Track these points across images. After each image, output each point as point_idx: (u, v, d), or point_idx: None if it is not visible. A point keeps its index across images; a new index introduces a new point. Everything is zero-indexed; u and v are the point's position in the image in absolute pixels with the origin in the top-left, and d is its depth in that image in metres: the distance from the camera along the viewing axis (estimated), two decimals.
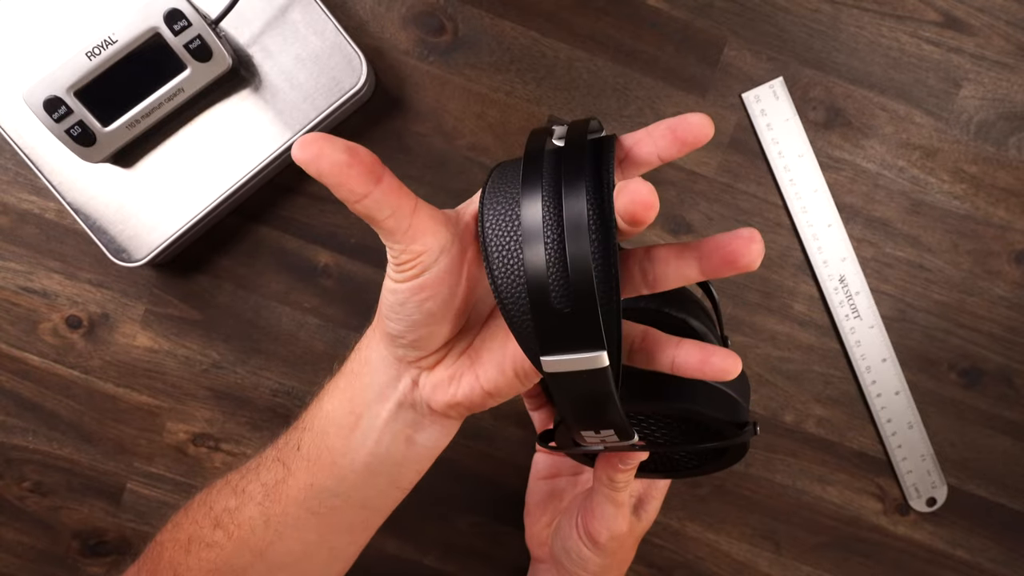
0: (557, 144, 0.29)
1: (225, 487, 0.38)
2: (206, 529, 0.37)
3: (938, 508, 0.53)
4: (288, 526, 0.36)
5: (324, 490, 0.35)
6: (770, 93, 0.51)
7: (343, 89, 0.48)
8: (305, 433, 0.36)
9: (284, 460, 0.36)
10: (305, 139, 0.27)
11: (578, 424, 0.30)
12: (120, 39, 0.44)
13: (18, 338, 0.52)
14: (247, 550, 0.36)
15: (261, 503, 0.36)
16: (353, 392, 0.35)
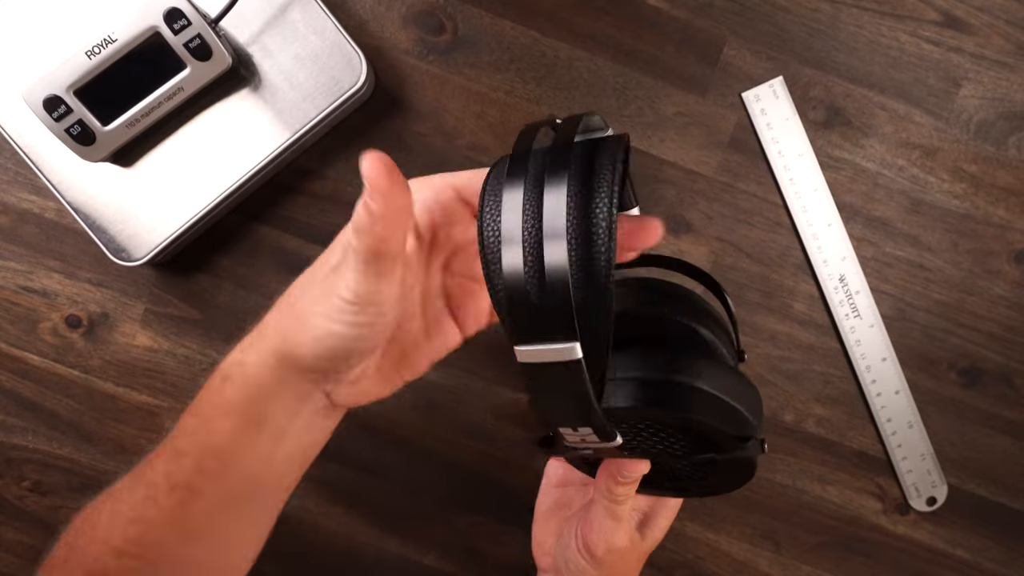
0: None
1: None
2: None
3: (938, 507, 0.53)
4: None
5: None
6: (770, 92, 0.51)
7: (343, 88, 0.48)
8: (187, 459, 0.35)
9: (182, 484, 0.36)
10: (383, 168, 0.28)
11: (553, 420, 0.29)
12: (120, 38, 0.44)
13: (18, 337, 0.52)
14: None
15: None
16: (249, 413, 0.35)
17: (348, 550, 0.53)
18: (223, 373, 0.35)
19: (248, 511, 0.40)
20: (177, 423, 0.36)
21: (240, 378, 0.35)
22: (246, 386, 0.35)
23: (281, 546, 0.53)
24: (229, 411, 0.35)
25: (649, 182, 0.51)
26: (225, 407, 0.35)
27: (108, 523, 0.37)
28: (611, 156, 0.28)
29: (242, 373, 0.35)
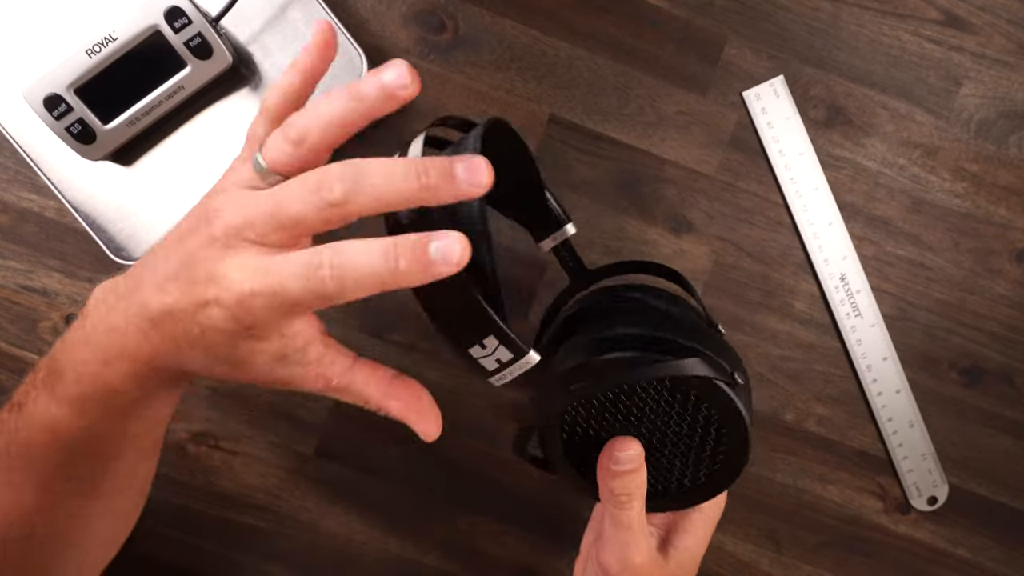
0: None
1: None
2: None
3: (939, 507, 0.52)
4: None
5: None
6: (771, 91, 0.50)
7: None
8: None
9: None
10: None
11: (459, 340, 0.31)
12: (120, 36, 0.44)
13: (18, 337, 0.52)
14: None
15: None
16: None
17: (348, 550, 0.53)
18: (127, 401, 0.34)
19: (159, 447, 0.40)
20: (41, 434, 0.35)
21: (141, 391, 0.34)
22: (154, 397, 0.35)
23: (281, 546, 0.53)
24: (145, 407, 0.35)
25: (650, 181, 0.51)
26: (135, 410, 0.35)
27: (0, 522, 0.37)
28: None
29: (146, 393, 0.34)
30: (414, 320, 0.52)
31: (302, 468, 0.52)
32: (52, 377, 0.35)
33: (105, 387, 0.33)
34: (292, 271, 0.28)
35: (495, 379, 0.32)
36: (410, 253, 0.27)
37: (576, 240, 0.52)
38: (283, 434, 0.52)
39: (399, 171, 0.27)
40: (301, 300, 0.29)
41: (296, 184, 0.28)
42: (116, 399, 0.34)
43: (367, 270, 0.27)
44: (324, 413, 0.52)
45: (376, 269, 0.27)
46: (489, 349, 0.31)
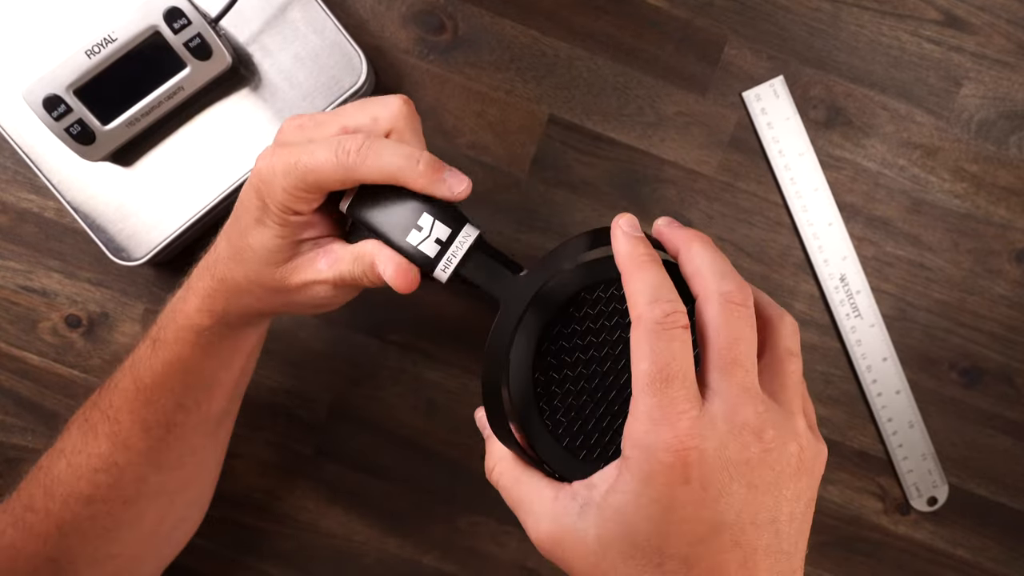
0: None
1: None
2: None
3: (939, 507, 0.52)
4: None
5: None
6: (770, 92, 0.50)
7: (343, 88, 0.48)
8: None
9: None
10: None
11: (397, 230, 0.32)
12: (120, 37, 0.44)
13: (17, 337, 0.52)
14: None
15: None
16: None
17: (348, 550, 0.53)
18: (196, 327, 0.38)
19: (221, 428, 0.44)
20: (126, 375, 0.40)
21: (218, 325, 0.38)
22: (225, 330, 0.38)
23: (281, 546, 0.53)
24: (211, 354, 0.39)
25: (650, 182, 0.51)
26: (205, 351, 0.38)
27: (70, 476, 0.40)
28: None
29: (219, 321, 0.38)
30: (414, 320, 0.52)
31: (302, 468, 0.53)
32: (152, 323, 0.40)
33: (178, 311, 0.38)
34: (320, 146, 0.33)
35: (442, 267, 0.32)
36: (429, 165, 0.32)
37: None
38: (283, 434, 0.52)
39: (403, 151, 0.32)
40: (319, 167, 0.32)
41: (328, 140, 0.33)
42: (185, 323, 0.38)
43: (389, 159, 0.32)
44: (324, 413, 0.52)
45: (398, 162, 0.32)
46: (426, 229, 0.32)
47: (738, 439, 0.26)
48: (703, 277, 0.29)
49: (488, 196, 0.51)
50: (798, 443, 0.27)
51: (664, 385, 0.26)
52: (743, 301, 0.28)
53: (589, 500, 0.28)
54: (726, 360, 0.27)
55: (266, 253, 0.35)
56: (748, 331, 0.28)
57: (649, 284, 0.28)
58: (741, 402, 0.26)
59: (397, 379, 0.52)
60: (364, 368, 0.52)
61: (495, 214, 0.51)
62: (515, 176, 0.51)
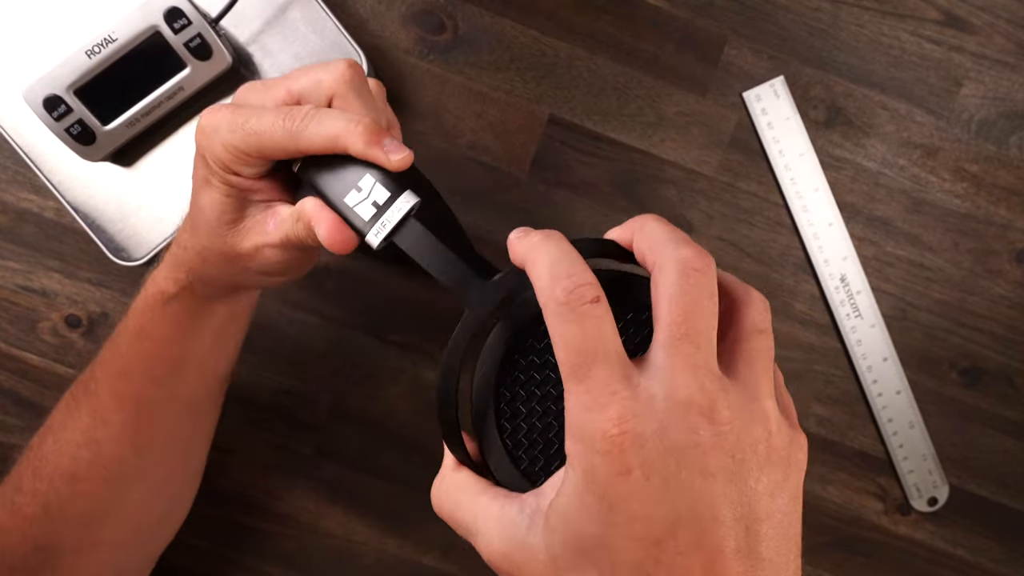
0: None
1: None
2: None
3: (939, 508, 0.52)
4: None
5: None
6: (771, 92, 0.50)
7: None
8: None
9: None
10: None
11: (336, 188, 0.32)
12: (120, 37, 0.44)
13: (17, 337, 0.52)
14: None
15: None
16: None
17: (348, 550, 0.53)
18: (163, 293, 0.38)
19: (203, 419, 0.44)
20: (107, 348, 0.41)
21: (185, 294, 0.38)
22: (191, 300, 0.39)
23: (281, 546, 0.53)
24: (178, 324, 0.39)
25: (650, 182, 0.51)
26: (172, 321, 0.39)
27: (55, 453, 0.40)
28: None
29: (185, 290, 0.38)
30: (414, 320, 0.52)
31: (302, 468, 0.52)
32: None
33: (148, 283, 0.39)
34: (267, 111, 0.32)
35: (375, 232, 0.31)
36: (368, 129, 0.31)
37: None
38: (283, 434, 0.52)
39: (344, 116, 0.32)
40: (263, 131, 0.32)
41: (278, 108, 0.33)
42: (153, 290, 0.38)
43: (330, 125, 0.31)
44: (324, 413, 0.52)
45: (338, 128, 0.31)
46: (365, 191, 0.31)
47: (683, 420, 0.22)
48: (657, 246, 0.26)
49: (488, 196, 0.51)
50: (764, 427, 0.24)
51: (586, 369, 0.23)
52: (702, 267, 0.24)
53: (537, 509, 0.25)
54: (676, 334, 0.23)
55: (214, 216, 0.35)
56: (706, 301, 0.24)
57: (546, 263, 0.24)
58: (684, 377, 0.23)
59: (397, 379, 0.52)
60: (364, 368, 0.52)
61: (495, 214, 0.51)
62: (515, 176, 0.51)
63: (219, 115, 0.33)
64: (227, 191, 0.34)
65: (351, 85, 0.34)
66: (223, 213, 0.35)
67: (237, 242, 0.36)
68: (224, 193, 0.34)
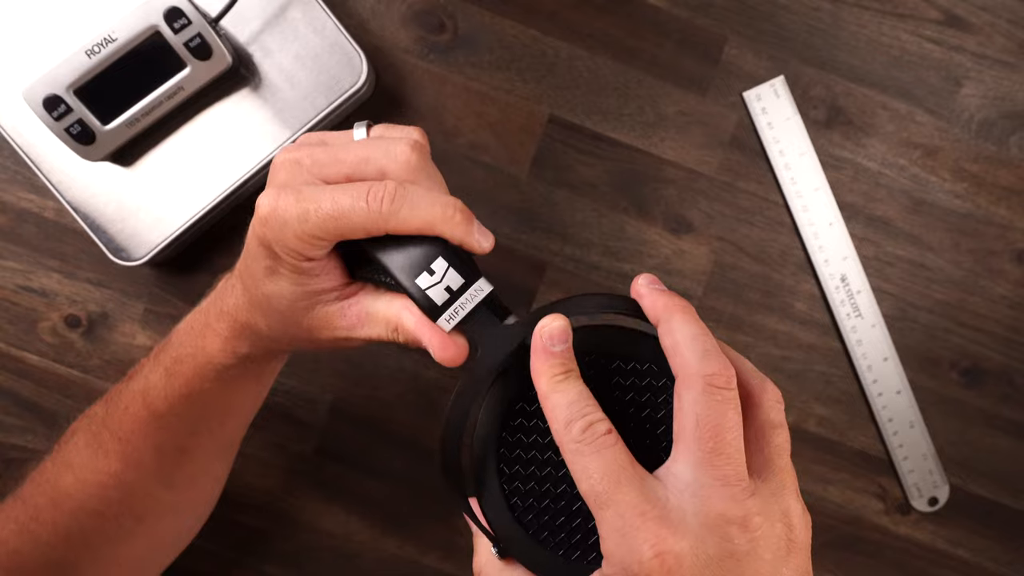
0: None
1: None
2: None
3: (940, 508, 0.52)
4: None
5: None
6: (771, 92, 0.50)
7: (343, 88, 0.48)
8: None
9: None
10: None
11: (408, 268, 0.30)
12: (120, 37, 0.44)
13: (17, 337, 0.52)
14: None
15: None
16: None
17: (348, 550, 0.53)
18: (219, 364, 0.37)
19: (234, 448, 0.44)
20: (133, 399, 0.39)
21: (240, 363, 0.37)
22: (249, 366, 0.37)
23: (281, 547, 0.53)
24: (233, 389, 0.38)
25: (649, 182, 0.51)
26: (226, 385, 0.37)
27: (79, 492, 0.39)
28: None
29: (242, 360, 0.37)
30: None
31: (302, 468, 0.52)
32: (160, 348, 0.39)
33: (197, 349, 0.36)
34: (342, 192, 0.30)
35: (447, 317, 0.30)
36: (465, 216, 0.31)
37: (576, 240, 0.52)
38: (283, 434, 0.52)
39: (439, 201, 0.30)
40: (344, 215, 0.30)
41: (351, 186, 0.31)
42: (204, 361, 0.36)
43: (425, 210, 0.30)
44: (324, 413, 0.52)
45: (434, 213, 0.30)
46: (439, 274, 0.30)
47: (717, 532, 0.24)
48: (683, 356, 0.26)
49: (488, 196, 0.51)
50: (786, 523, 0.26)
51: (611, 497, 0.24)
52: (727, 383, 0.26)
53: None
54: (705, 451, 0.25)
55: (286, 304, 0.33)
56: (732, 415, 0.25)
57: (562, 404, 0.26)
58: (717, 491, 0.24)
59: (397, 379, 0.52)
60: (364, 368, 0.52)
61: (495, 214, 0.51)
62: (515, 176, 0.51)
63: (283, 203, 0.30)
64: (297, 279, 0.32)
65: (420, 172, 0.31)
66: (296, 300, 0.33)
67: (314, 331, 0.34)
68: (294, 282, 0.32)
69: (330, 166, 0.32)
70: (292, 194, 0.30)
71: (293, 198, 0.30)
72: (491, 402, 0.30)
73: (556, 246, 0.51)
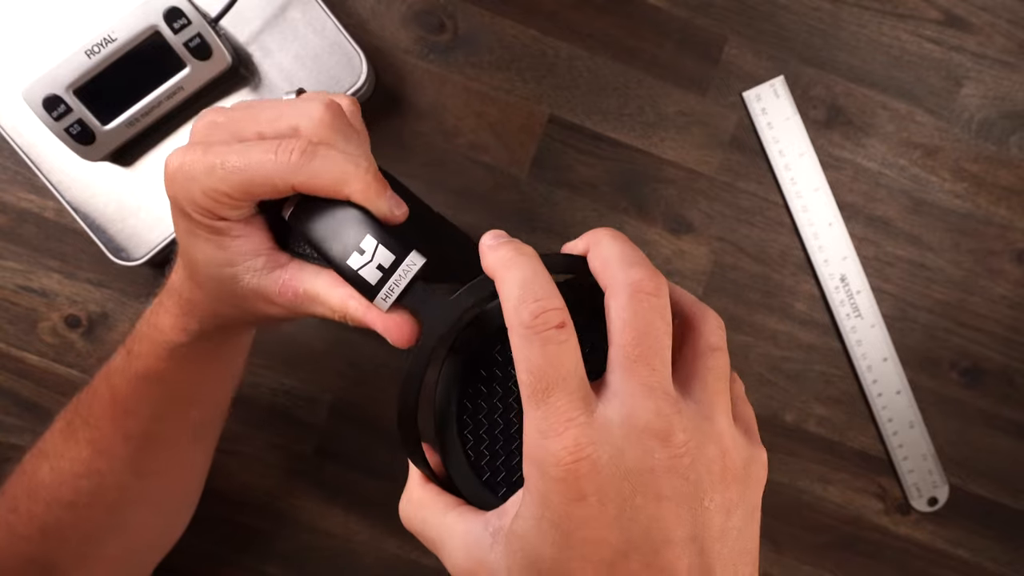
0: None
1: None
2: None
3: (939, 508, 0.52)
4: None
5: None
6: (771, 92, 0.50)
7: (343, 88, 0.48)
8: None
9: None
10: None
11: (338, 251, 0.29)
12: (120, 37, 0.44)
13: (17, 337, 0.52)
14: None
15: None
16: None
17: (348, 550, 0.53)
18: (171, 342, 0.36)
19: (209, 437, 0.43)
20: (102, 383, 0.39)
21: (193, 340, 0.36)
22: (202, 344, 0.37)
23: (281, 547, 0.53)
24: (189, 367, 0.37)
25: (649, 182, 0.51)
26: (182, 364, 0.37)
27: (53, 481, 0.39)
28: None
29: (194, 336, 0.36)
30: None
31: (301, 468, 0.52)
32: (128, 336, 0.38)
33: (152, 327, 0.36)
34: (253, 146, 0.29)
35: (383, 296, 0.29)
36: (376, 176, 0.30)
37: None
38: (282, 434, 0.52)
39: (349, 157, 0.30)
40: (252, 168, 0.29)
41: (262, 141, 0.30)
42: (159, 339, 0.36)
43: (334, 164, 0.29)
44: (324, 413, 0.52)
45: (343, 168, 0.29)
46: (368, 253, 0.29)
47: (638, 444, 0.23)
48: (609, 267, 0.25)
49: (488, 196, 0.51)
50: (719, 445, 0.24)
51: (545, 394, 0.23)
52: (654, 290, 0.24)
53: (499, 529, 0.25)
54: (630, 357, 0.24)
55: (213, 270, 0.32)
56: (659, 323, 0.24)
57: (515, 283, 0.24)
58: (642, 402, 0.23)
59: (397, 379, 0.52)
60: (364, 368, 0.52)
61: (495, 214, 0.51)
62: (515, 176, 0.51)
63: (189, 158, 0.29)
64: (216, 241, 0.31)
65: (334, 131, 0.30)
66: (220, 265, 0.32)
67: (251, 300, 0.33)
68: (214, 245, 0.31)
69: (244, 123, 0.31)
70: (200, 149, 0.29)
71: (201, 152, 0.29)
72: (445, 373, 0.28)
73: (556, 246, 0.51)
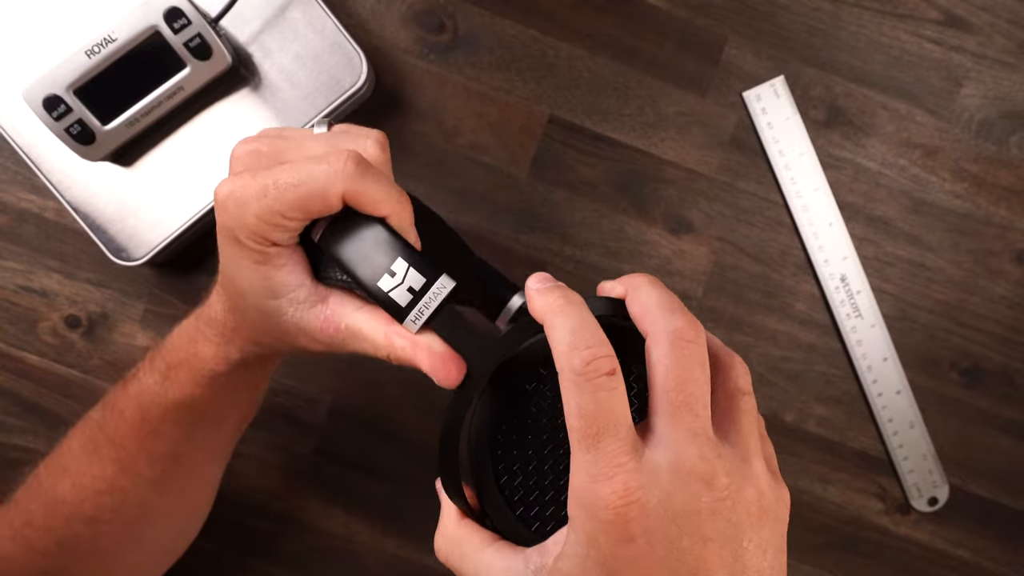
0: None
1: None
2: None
3: (940, 508, 0.52)
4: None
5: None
6: (771, 92, 0.50)
7: (343, 88, 0.48)
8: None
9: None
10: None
11: (368, 272, 0.30)
12: (120, 37, 0.44)
13: (17, 337, 0.52)
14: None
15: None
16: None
17: (348, 550, 0.53)
18: (212, 371, 0.36)
19: (227, 454, 0.43)
20: (127, 402, 0.38)
21: (234, 369, 0.36)
22: (243, 372, 0.36)
23: (281, 547, 0.53)
24: (226, 395, 0.37)
25: (649, 182, 0.51)
26: (220, 392, 0.37)
27: (74, 498, 0.39)
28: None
29: (235, 366, 0.36)
30: None
31: (302, 469, 0.52)
32: (155, 352, 0.38)
33: (191, 355, 0.36)
34: (303, 162, 0.29)
35: (412, 319, 0.30)
36: (410, 207, 0.31)
37: (576, 241, 0.52)
38: (283, 435, 0.52)
39: (396, 188, 0.31)
40: (304, 181, 0.29)
41: (312, 156, 0.30)
42: (199, 367, 0.36)
43: (382, 184, 0.30)
44: (324, 414, 0.52)
45: (396, 196, 0.30)
46: (399, 275, 0.30)
47: (685, 488, 0.24)
48: (650, 314, 0.26)
49: (488, 196, 0.51)
50: (756, 488, 0.25)
51: (595, 439, 0.24)
52: (694, 338, 0.26)
53: (541, 567, 0.25)
54: (674, 403, 0.25)
55: (258, 302, 0.32)
56: (699, 371, 0.25)
57: (566, 330, 0.25)
58: (687, 448, 0.24)
59: (397, 379, 0.52)
60: (364, 368, 0.52)
61: (495, 214, 0.51)
62: (515, 176, 0.51)
63: (240, 184, 0.29)
64: (263, 272, 0.31)
65: (364, 181, 0.30)
66: (266, 297, 0.32)
67: (293, 335, 0.33)
68: (261, 275, 0.31)
69: (290, 152, 0.31)
70: (249, 174, 0.29)
71: (250, 177, 0.29)
72: (481, 409, 0.29)
73: (556, 246, 0.51)
